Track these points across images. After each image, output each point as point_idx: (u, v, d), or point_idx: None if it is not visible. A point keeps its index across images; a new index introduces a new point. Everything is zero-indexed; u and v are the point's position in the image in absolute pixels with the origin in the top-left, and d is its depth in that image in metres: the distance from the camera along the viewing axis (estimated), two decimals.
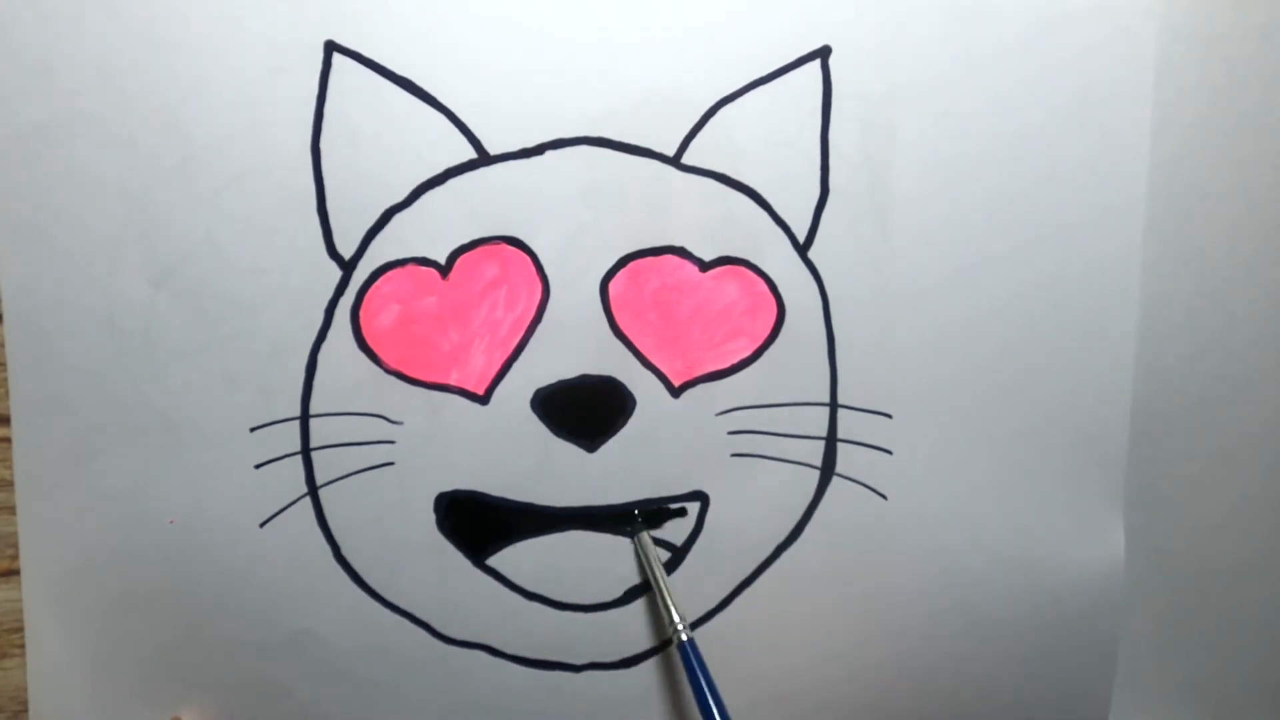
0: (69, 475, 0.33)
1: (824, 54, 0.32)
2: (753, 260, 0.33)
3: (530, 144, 0.32)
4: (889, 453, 0.34)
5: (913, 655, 0.35)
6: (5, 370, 0.32)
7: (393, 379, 0.33)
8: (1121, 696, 0.36)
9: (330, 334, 0.33)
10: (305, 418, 0.33)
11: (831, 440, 0.34)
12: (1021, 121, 0.33)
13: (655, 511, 0.34)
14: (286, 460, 0.33)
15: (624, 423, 0.33)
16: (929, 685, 0.35)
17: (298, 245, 0.32)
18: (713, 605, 0.35)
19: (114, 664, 0.34)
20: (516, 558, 0.34)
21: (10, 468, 0.33)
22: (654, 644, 0.35)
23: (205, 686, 0.34)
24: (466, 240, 0.33)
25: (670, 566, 0.34)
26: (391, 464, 0.33)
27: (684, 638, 0.31)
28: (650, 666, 0.35)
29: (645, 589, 0.34)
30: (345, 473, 0.33)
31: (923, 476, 0.34)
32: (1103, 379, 0.34)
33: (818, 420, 0.34)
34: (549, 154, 0.33)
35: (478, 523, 0.34)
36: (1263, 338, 0.35)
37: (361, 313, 0.33)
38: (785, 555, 0.34)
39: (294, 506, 0.33)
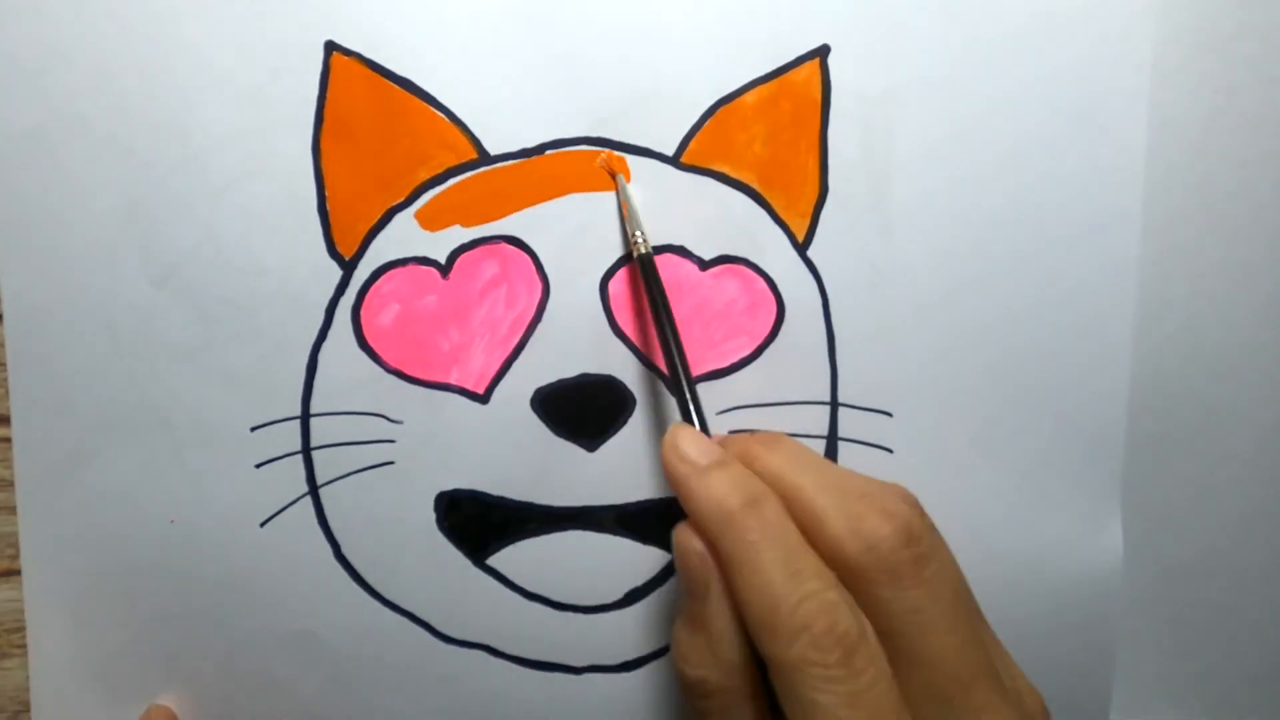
0: (69, 475, 0.33)
1: (823, 53, 0.33)
2: (752, 259, 0.33)
3: (530, 144, 0.33)
4: (889, 451, 0.34)
5: None
6: (5, 370, 0.32)
7: (393, 378, 0.33)
8: (1122, 695, 0.36)
9: (331, 333, 0.33)
10: (305, 417, 0.33)
11: (832, 439, 0.34)
12: (1020, 119, 0.33)
13: (653, 510, 0.34)
14: (287, 460, 0.33)
15: (624, 422, 0.33)
16: None
17: (298, 245, 0.32)
18: None
19: (114, 663, 0.34)
20: (517, 558, 0.34)
21: (10, 468, 0.33)
22: (655, 648, 0.35)
23: (205, 685, 0.34)
24: (467, 239, 0.33)
25: (672, 569, 0.34)
26: (392, 463, 0.33)
27: (643, 250, 0.31)
28: (651, 671, 0.34)
29: (645, 591, 0.34)
30: (345, 472, 0.33)
31: (922, 474, 0.34)
32: (1102, 376, 0.34)
33: (818, 419, 0.34)
34: (549, 154, 0.33)
35: (478, 522, 0.33)
36: (1262, 338, 0.35)
37: (362, 312, 0.33)
38: None
39: (294, 506, 0.33)
